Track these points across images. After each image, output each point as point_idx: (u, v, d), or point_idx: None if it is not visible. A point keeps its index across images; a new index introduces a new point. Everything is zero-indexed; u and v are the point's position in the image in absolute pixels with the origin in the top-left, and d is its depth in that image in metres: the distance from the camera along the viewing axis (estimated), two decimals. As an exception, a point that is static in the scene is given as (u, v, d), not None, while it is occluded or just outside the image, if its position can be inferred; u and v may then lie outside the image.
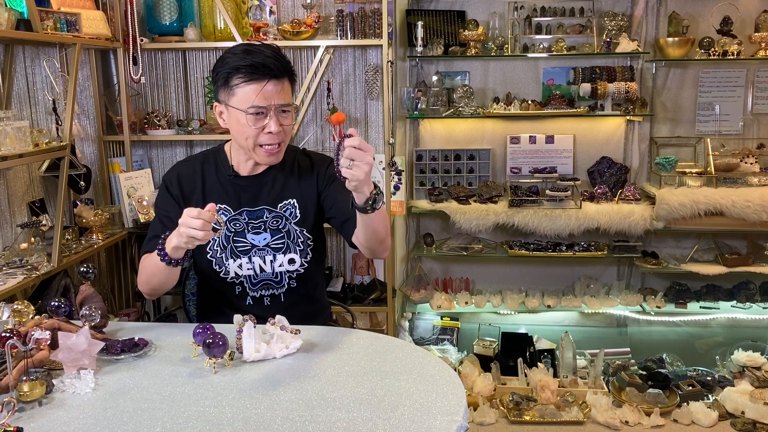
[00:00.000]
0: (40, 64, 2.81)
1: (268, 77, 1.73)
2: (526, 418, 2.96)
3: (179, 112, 3.49)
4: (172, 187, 1.93)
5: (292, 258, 1.92)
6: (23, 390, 1.35)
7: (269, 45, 1.80)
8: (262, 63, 1.72)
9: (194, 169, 1.95)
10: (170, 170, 1.99)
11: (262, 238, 1.91)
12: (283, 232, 1.92)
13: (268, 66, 1.73)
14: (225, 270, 1.92)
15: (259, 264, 1.91)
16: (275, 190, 1.93)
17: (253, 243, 1.91)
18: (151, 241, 1.88)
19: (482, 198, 3.52)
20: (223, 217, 1.74)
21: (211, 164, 1.95)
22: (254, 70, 1.72)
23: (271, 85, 1.74)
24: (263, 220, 1.91)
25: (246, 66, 1.73)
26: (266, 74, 1.73)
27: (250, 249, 1.91)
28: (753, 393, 3.03)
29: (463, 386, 1.43)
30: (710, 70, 3.55)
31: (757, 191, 3.28)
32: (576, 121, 3.63)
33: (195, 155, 2.03)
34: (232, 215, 1.91)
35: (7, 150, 2.28)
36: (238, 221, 1.91)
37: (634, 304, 3.59)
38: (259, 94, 1.73)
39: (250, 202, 1.92)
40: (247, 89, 1.74)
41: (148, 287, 1.87)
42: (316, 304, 2.06)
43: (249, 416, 1.30)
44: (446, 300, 3.64)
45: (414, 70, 3.66)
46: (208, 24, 3.27)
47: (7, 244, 2.61)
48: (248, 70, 1.73)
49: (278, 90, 1.75)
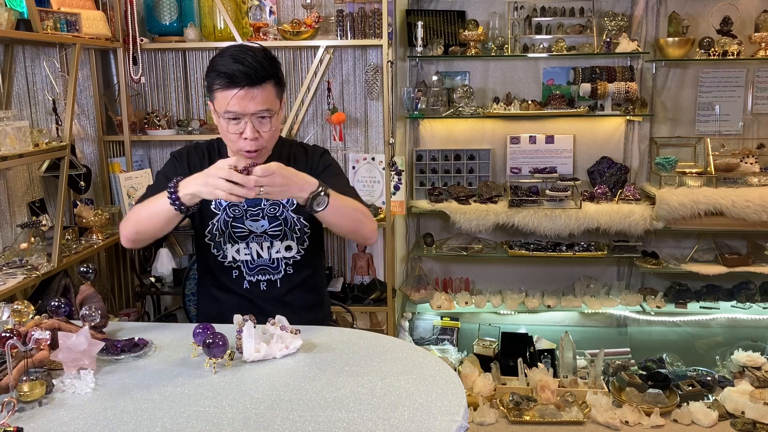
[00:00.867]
0: (40, 64, 2.81)
1: (242, 84, 1.72)
2: (526, 418, 2.96)
3: (179, 112, 3.49)
4: (181, 162, 1.97)
5: (289, 245, 1.96)
6: (23, 390, 1.35)
7: (256, 50, 1.77)
8: (238, 70, 1.71)
9: (202, 153, 1.99)
10: (180, 150, 2.03)
11: (260, 224, 1.93)
12: (281, 219, 1.94)
13: (244, 73, 1.71)
14: (223, 254, 1.95)
15: (256, 250, 1.95)
16: None
17: (251, 229, 1.93)
18: (148, 195, 1.86)
19: (482, 198, 3.52)
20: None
21: (215, 151, 2.00)
22: (229, 77, 1.72)
23: (245, 92, 1.73)
24: (261, 207, 1.94)
25: (223, 72, 1.73)
26: (241, 81, 1.72)
27: (247, 235, 1.94)
28: (753, 393, 3.03)
29: (463, 386, 1.43)
30: (710, 70, 3.55)
31: (757, 191, 3.28)
32: (576, 121, 3.63)
33: (202, 142, 2.06)
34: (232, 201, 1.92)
35: (7, 150, 2.28)
36: (237, 207, 1.93)
37: (634, 304, 3.59)
38: (231, 100, 1.73)
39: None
40: (222, 95, 1.75)
41: (134, 232, 1.81)
42: (315, 294, 2.07)
43: (249, 416, 1.30)
44: (446, 300, 3.64)
45: (414, 70, 3.66)
46: (208, 24, 3.27)
47: (7, 244, 2.61)
48: (224, 76, 1.73)
49: (253, 97, 1.74)
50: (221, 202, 1.92)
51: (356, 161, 3.40)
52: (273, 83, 1.78)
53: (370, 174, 3.38)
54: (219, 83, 1.74)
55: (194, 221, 1.99)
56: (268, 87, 1.77)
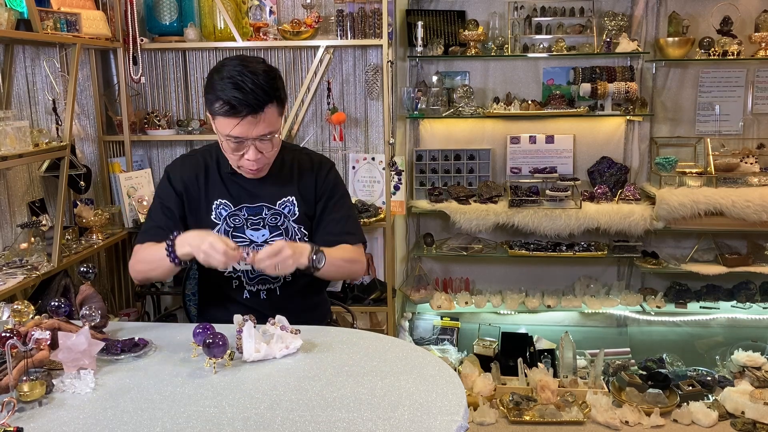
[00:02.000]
0: (40, 64, 2.81)
1: (245, 112, 1.71)
2: (526, 418, 2.96)
3: (179, 112, 3.49)
4: (175, 179, 1.95)
5: None
6: (23, 390, 1.35)
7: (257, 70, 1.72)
8: (239, 99, 1.69)
9: (197, 164, 1.97)
10: (173, 162, 2.01)
11: (260, 234, 1.92)
12: (282, 230, 1.93)
13: (245, 103, 1.69)
14: None
15: None
16: (275, 187, 1.94)
17: (251, 239, 1.92)
18: (151, 231, 1.89)
19: (482, 198, 3.52)
20: (246, 254, 1.70)
21: (213, 159, 1.97)
22: (230, 106, 1.70)
23: (249, 120, 1.72)
24: (262, 216, 1.93)
25: (226, 100, 1.70)
26: (242, 111, 1.70)
27: (248, 245, 1.92)
28: (753, 393, 3.03)
29: (463, 386, 1.43)
30: (710, 70, 3.55)
31: (757, 191, 3.28)
32: (576, 121, 3.63)
33: (197, 149, 2.04)
34: (232, 210, 1.93)
35: (7, 150, 2.28)
36: (237, 217, 1.92)
37: (634, 304, 3.59)
38: (235, 128, 1.73)
39: (250, 199, 1.93)
40: (225, 121, 1.74)
41: (142, 276, 1.91)
42: (314, 298, 2.08)
43: (249, 416, 1.30)
44: (446, 300, 3.64)
45: (414, 70, 3.66)
46: (208, 24, 3.27)
47: (7, 244, 2.61)
48: (225, 104, 1.71)
49: (256, 122, 1.73)
50: (221, 212, 1.93)
51: (356, 161, 3.40)
52: (275, 104, 1.76)
53: (370, 174, 3.38)
54: (219, 109, 1.72)
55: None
56: (269, 110, 1.74)
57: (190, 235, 1.72)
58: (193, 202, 1.94)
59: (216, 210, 1.92)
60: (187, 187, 1.94)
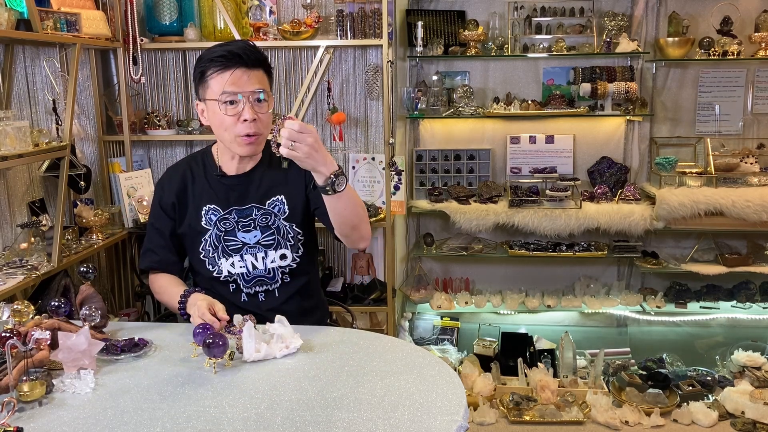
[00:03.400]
0: (40, 64, 2.81)
1: (237, 65, 1.78)
2: (526, 418, 2.96)
3: (179, 112, 3.49)
4: (163, 195, 2.00)
5: (283, 254, 1.95)
6: (23, 390, 1.35)
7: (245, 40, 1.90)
8: (231, 51, 1.79)
9: (183, 174, 2.00)
10: (161, 178, 2.07)
11: (252, 236, 1.93)
12: (273, 229, 1.94)
13: (237, 54, 1.78)
14: (218, 269, 1.95)
15: (251, 261, 1.94)
16: (263, 187, 1.95)
17: (243, 241, 1.93)
18: (147, 254, 2.01)
19: (482, 198, 3.52)
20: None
21: (199, 165, 2.00)
22: (224, 59, 1.78)
23: (241, 72, 1.79)
24: (252, 217, 1.94)
25: (217, 56, 1.79)
26: (236, 62, 1.78)
27: (241, 247, 1.93)
28: (753, 393, 3.03)
29: (463, 386, 1.43)
30: (710, 70, 3.55)
31: (757, 191, 3.28)
32: (576, 121, 3.63)
33: (183, 159, 2.09)
34: (222, 215, 1.94)
35: (7, 150, 2.27)
36: (227, 220, 1.93)
37: (634, 304, 3.59)
38: (228, 80, 1.78)
39: (239, 201, 1.95)
40: (218, 78, 1.80)
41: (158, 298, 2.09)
42: (313, 299, 2.08)
43: (249, 416, 1.30)
44: (446, 300, 3.64)
45: (414, 70, 3.66)
46: (208, 24, 3.27)
47: (7, 244, 2.61)
48: (219, 60, 1.79)
49: (249, 77, 1.80)
50: (211, 217, 1.94)
51: (356, 161, 3.40)
52: (264, 71, 1.85)
53: (370, 174, 3.38)
54: (214, 67, 1.79)
55: (186, 242, 2.01)
56: (260, 73, 1.83)
57: (196, 302, 1.76)
58: (184, 211, 1.98)
59: (206, 216, 1.94)
60: (178, 198, 1.98)
